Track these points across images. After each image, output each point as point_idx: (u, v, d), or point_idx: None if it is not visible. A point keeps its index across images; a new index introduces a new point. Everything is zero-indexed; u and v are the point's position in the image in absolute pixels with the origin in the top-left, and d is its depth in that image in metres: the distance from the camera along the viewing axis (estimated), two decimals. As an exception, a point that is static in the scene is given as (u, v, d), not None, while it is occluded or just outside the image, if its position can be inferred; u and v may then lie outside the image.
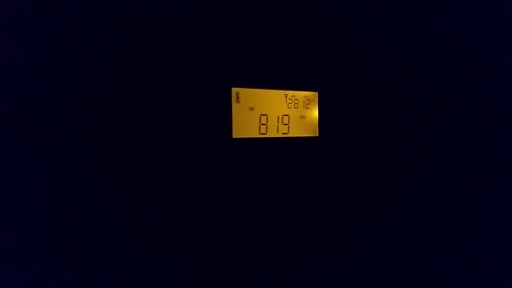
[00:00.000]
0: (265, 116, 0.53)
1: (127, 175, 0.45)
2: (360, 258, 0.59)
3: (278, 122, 0.53)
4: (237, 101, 0.50)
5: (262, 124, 0.52)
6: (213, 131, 0.49)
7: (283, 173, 0.54)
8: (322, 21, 0.55)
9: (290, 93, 0.54)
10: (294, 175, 0.54)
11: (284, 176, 0.54)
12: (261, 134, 0.52)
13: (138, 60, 0.45)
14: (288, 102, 0.54)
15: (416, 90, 0.62)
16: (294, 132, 0.55)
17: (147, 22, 0.45)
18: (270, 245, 0.53)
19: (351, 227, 0.59)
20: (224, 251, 0.50)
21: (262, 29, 0.51)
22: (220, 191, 0.50)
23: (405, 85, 0.62)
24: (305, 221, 0.55)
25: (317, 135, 0.56)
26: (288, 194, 0.54)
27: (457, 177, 0.66)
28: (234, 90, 0.50)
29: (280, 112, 0.54)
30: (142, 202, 0.45)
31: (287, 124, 0.54)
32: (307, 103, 0.56)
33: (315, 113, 0.56)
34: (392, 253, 0.61)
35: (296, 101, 0.55)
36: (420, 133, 0.63)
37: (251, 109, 0.52)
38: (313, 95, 0.56)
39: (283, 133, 0.54)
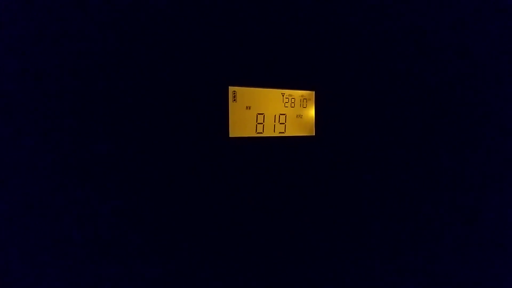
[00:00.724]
0: (262, 115, 0.52)
1: (124, 174, 0.44)
2: (357, 257, 0.59)
3: (274, 121, 0.53)
4: (234, 100, 0.50)
5: (258, 123, 0.52)
6: (210, 130, 0.49)
7: (280, 172, 0.54)
8: (319, 20, 0.55)
9: (287, 92, 0.54)
10: (290, 174, 0.54)
11: (280, 175, 0.54)
12: (258, 133, 0.52)
13: (135, 59, 0.44)
14: (285, 101, 0.54)
15: (413, 89, 0.63)
16: (291, 131, 0.55)
17: (145, 21, 0.44)
18: (267, 244, 0.53)
19: (348, 226, 0.59)
20: (220, 250, 0.50)
21: (259, 28, 0.51)
22: (217, 190, 0.50)
23: (401, 84, 0.62)
24: (302, 220, 0.55)
25: (314, 134, 0.56)
26: (285, 193, 0.54)
27: (454, 176, 0.67)
28: (231, 89, 0.50)
29: (277, 111, 0.54)
30: (139, 200, 0.45)
31: (283, 123, 0.54)
32: (304, 102, 0.56)
33: (311, 112, 0.56)
34: (389, 252, 0.62)
35: (293, 100, 0.55)
36: (417, 132, 0.64)
37: (248, 108, 0.51)
38: (309, 94, 0.56)
39: (280, 132, 0.54)
